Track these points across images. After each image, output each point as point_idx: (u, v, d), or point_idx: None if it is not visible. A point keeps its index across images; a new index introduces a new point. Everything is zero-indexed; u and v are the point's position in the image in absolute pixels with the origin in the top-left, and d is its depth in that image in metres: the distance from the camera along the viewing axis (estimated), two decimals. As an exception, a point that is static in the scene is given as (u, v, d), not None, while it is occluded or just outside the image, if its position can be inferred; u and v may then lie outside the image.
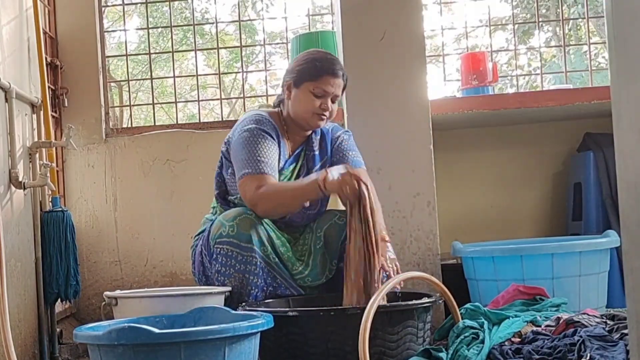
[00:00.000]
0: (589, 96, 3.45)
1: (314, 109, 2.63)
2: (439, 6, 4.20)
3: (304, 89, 2.63)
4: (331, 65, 2.64)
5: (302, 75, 2.64)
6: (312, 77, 2.62)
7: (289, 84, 2.68)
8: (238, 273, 2.45)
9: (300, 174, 2.73)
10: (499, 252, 2.97)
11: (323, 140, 2.79)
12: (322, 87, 2.62)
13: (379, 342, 2.09)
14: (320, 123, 2.68)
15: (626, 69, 1.10)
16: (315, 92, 2.62)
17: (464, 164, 3.94)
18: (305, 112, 2.64)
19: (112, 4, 5.45)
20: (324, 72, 2.62)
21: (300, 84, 2.65)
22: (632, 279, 1.11)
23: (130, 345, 1.73)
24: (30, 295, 2.84)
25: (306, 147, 2.77)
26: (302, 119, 2.67)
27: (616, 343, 2.05)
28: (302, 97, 2.64)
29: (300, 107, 2.65)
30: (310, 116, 2.65)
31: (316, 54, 2.71)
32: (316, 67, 2.63)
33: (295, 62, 2.72)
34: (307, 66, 2.65)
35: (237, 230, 2.45)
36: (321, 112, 2.63)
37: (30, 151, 2.96)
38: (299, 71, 2.66)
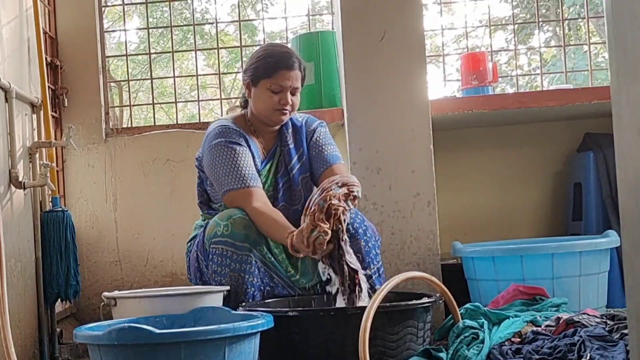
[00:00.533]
0: (589, 96, 3.45)
1: (274, 105, 2.63)
2: (439, 6, 4.20)
3: (261, 86, 2.63)
4: (285, 59, 2.63)
5: (258, 73, 2.63)
6: (267, 74, 2.61)
7: (247, 83, 2.69)
8: (234, 272, 2.45)
9: (278, 171, 2.72)
10: (499, 252, 2.97)
11: (297, 133, 2.78)
12: (278, 83, 2.61)
13: (379, 342, 2.09)
14: (283, 118, 2.68)
15: (626, 69, 1.10)
16: (273, 89, 2.62)
17: (464, 164, 3.94)
18: (266, 110, 2.65)
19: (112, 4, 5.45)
20: (279, 67, 2.61)
21: (257, 82, 2.64)
22: (632, 279, 1.11)
23: (130, 345, 1.73)
24: (30, 295, 2.84)
25: (280, 143, 2.76)
26: (265, 116, 2.68)
27: (616, 343, 2.05)
28: (260, 95, 2.64)
29: (261, 105, 2.66)
30: (271, 113, 2.65)
31: (269, 49, 2.71)
32: (270, 63, 2.61)
33: (251, 59, 2.71)
34: (261, 63, 2.63)
35: (231, 230, 2.45)
36: (282, 107, 2.64)
37: (30, 151, 2.96)
38: (254, 69, 2.65)
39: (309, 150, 2.76)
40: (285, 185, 2.70)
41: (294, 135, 2.77)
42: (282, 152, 2.74)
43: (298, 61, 2.66)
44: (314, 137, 2.77)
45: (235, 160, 2.57)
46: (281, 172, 2.72)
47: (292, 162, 2.72)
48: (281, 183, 2.71)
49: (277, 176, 2.71)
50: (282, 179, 2.71)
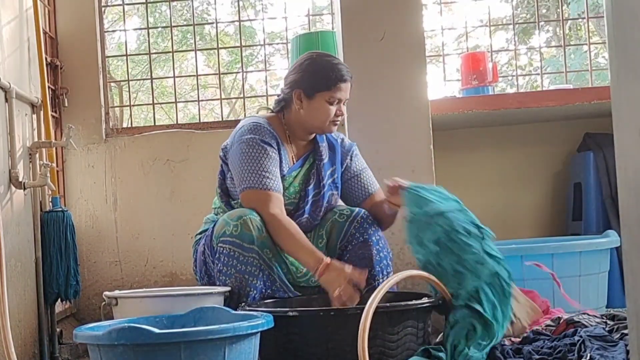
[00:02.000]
0: (589, 96, 3.45)
1: (331, 118, 2.65)
2: (439, 6, 4.19)
3: (319, 99, 2.63)
4: (341, 72, 2.64)
5: (315, 86, 2.62)
6: (325, 87, 2.62)
7: (298, 93, 2.65)
8: (238, 273, 2.45)
9: (308, 182, 2.71)
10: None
11: (331, 150, 2.79)
12: (336, 96, 2.63)
13: (379, 342, 2.09)
14: (335, 128, 2.71)
15: (626, 69, 1.11)
16: (330, 101, 2.63)
17: (464, 164, 3.94)
18: (322, 122, 2.66)
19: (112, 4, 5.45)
20: (337, 81, 2.62)
21: (313, 94, 2.63)
22: (632, 279, 1.11)
23: (130, 345, 1.73)
24: (30, 295, 2.84)
25: (314, 155, 2.75)
26: (318, 127, 2.68)
27: (616, 343, 2.05)
28: (317, 107, 2.64)
29: (317, 117, 2.65)
30: (327, 125, 2.66)
31: (324, 62, 2.67)
32: (329, 77, 2.62)
33: (302, 69, 2.67)
34: (319, 76, 2.63)
35: (240, 230, 2.45)
36: (335, 119, 2.66)
37: (30, 151, 2.96)
38: (310, 81, 2.64)
39: (343, 173, 2.79)
40: (314, 199, 2.70)
41: (329, 150, 2.78)
42: (315, 165, 2.74)
43: (349, 73, 2.68)
44: (352, 162, 2.81)
45: (262, 159, 2.57)
46: (312, 184, 2.72)
47: (325, 177, 2.73)
48: (310, 195, 2.71)
49: (307, 187, 2.71)
50: (312, 191, 2.71)
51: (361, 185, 2.79)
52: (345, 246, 2.64)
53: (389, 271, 2.64)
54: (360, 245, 2.62)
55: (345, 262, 2.50)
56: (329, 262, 2.40)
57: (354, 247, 2.62)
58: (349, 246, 2.63)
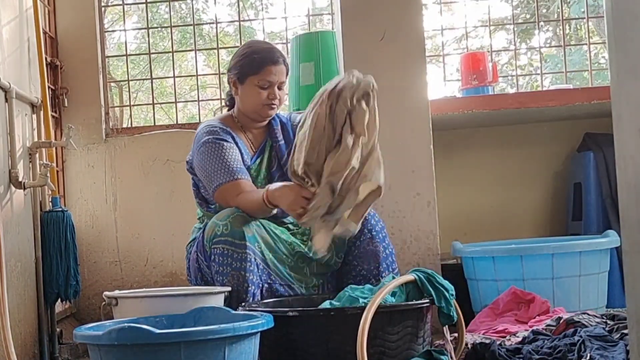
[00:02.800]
0: (589, 96, 3.45)
1: (263, 101, 2.69)
2: (439, 6, 4.19)
3: (249, 83, 2.68)
4: (270, 54, 2.68)
5: (244, 70, 2.68)
6: (254, 70, 2.66)
7: (233, 80, 2.73)
8: (234, 271, 2.45)
9: (271, 166, 2.77)
10: (499, 252, 2.97)
11: (285, 130, 2.83)
12: (266, 79, 2.66)
13: (379, 342, 2.09)
14: (271, 112, 2.74)
15: (626, 69, 1.11)
16: (261, 84, 2.67)
17: (464, 164, 3.94)
18: (255, 105, 2.70)
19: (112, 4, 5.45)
20: (265, 63, 2.66)
21: (244, 79, 2.69)
22: (632, 279, 1.11)
23: (130, 345, 1.73)
24: (30, 295, 2.84)
25: (271, 139, 2.81)
26: (253, 112, 2.72)
27: (616, 343, 2.05)
28: (248, 91, 2.69)
29: (249, 102, 2.70)
30: (260, 108, 2.70)
31: (253, 46, 2.75)
32: (256, 60, 2.66)
33: (235, 57, 2.75)
34: (247, 60, 2.68)
35: (230, 228, 2.46)
36: (270, 102, 2.69)
37: (30, 151, 2.96)
38: (240, 66, 2.70)
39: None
40: (280, 180, 2.71)
41: (282, 131, 2.82)
42: (273, 147, 2.79)
43: (282, 56, 2.72)
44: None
45: (223, 155, 2.62)
46: (275, 167, 2.77)
47: (283, 158, 2.77)
48: (276, 177, 2.75)
49: (271, 170, 2.77)
50: (276, 173, 2.77)
51: None
52: (353, 242, 2.65)
53: (394, 267, 2.65)
54: (367, 241, 2.63)
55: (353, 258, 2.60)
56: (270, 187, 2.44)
57: (362, 242, 2.63)
58: (357, 242, 2.64)
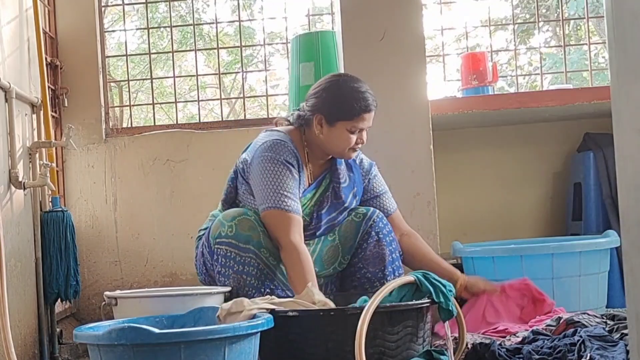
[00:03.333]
0: (589, 96, 3.44)
1: (351, 146, 2.58)
2: (439, 6, 4.19)
3: (340, 127, 2.56)
4: (367, 102, 2.56)
5: (337, 114, 2.55)
6: (348, 117, 2.55)
7: (319, 118, 2.58)
8: (236, 274, 2.45)
9: (322, 206, 2.66)
10: (499, 252, 2.97)
11: (350, 171, 2.74)
12: (358, 126, 2.56)
13: (379, 342, 2.09)
14: (354, 155, 2.66)
15: (626, 69, 1.10)
16: (352, 130, 2.56)
17: (464, 164, 3.94)
18: (341, 149, 2.60)
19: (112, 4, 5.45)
20: (361, 112, 2.55)
21: (334, 122, 2.56)
22: (632, 279, 1.11)
23: (130, 345, 1.73)
24: (30, 295, 2.84)
25: (331, 177, 2.70)
26: (337, 153, 2.63)
27: (616, 343, 2.05)
28: (337, 134, 2.57)
29: (336, 144, 2.59)
30: (345, 152, 2.61)
31: (349, 89, 2.58)
32: (353, 107, 2.54)
33: (326, 94, 2.59)
34: (342, 105, 2.55)
35: (236, 231, 2.45)
36: (356, 146, 2.61)
37: (30, 151, 2.96)
38: (332, 108, 2.56)
39: (363, 194, 2.76)
40: (329, 223, 2.67)
41: (347, 171, 2.73)
42: (330, 187, 2.69)
43: (375, 101, 2.61)
44: (371, 183, 2.78)
45: (284, 179, 2.50)
46: (326, 208, 2.66)
47: (347, 202, 2.68)
48: (324, 219, 2.66)
49: (321, 212, 2.65)
50: (325, 216, 2.66)
51: (380, 207, 2.75)
52: (360, 244, 2.65)
53: (400, 272, 2.65)
54: (374, 244, 2.63)
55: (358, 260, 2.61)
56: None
57: (369, 245, 2.64)
58: (364, 244, 2.64)
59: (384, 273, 2.60)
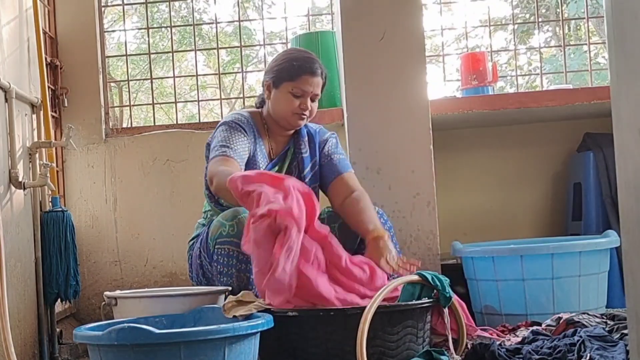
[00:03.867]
0: (589, 96, 3.44)
1: (294, 109, 2.65)
2: (439, 6, 4.19)
3: (283, 89, 2.65)
4: (309, 64, 2.65)
5: (281, 76, 2.65)
6: (290, 77, 2.63)
7: (268, 84, 2.70)
8: (239, 273, 2.45)
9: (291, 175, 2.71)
10: (499, 252, 2.97)
11: (311, 142, 2.80)
12: (300, 87, 2.63)
13: (379, 342, 2.09)
14: (301, 122, 2.70)
15: (626, 69, 1.10)
16: (294, 92, 2.64)
17: (464, 164, 3.94)
18: (285, 112, 2.67)
19: (112, 4, 5.45)
20: (302, 72, 2.63)
21: (279, 84, 2.66)
22: (632, 279, 1.11)
23: (130, 345, 1.73)
24: (30, 295, 2.84)
25: (294, 148, 2.78)
26: (283, 118, 2.69)
27: (616, 343, 2.05)
28: (281, 97, 2.66)
29: (280, 107, 2.67)
30: (290, 116, 2.67)
31: (295, 53, 2.73)
32: (294, 67, 2.64)
33: (274, 61, 2.73)
34: (285, 66, 2.65)
35: (237, 230, 2.45)
36: (301, 112, 2.66)
37: (30, 151, 2.95)
38: (277, 71, 2.67)
39: (320, 159, 2.79)
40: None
41: (308, 143, 2.79)
42: (295, 158, 2.77)
43: (321, 68, 2.69)
44: (326, 147, 2.80)
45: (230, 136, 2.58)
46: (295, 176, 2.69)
47: (305, 170, 2.75)
48: None
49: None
50: None
51: (332, 166, 2.76)
52: (362, 240, 2.64)
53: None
54: None
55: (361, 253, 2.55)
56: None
57: None
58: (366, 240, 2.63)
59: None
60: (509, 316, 2.87)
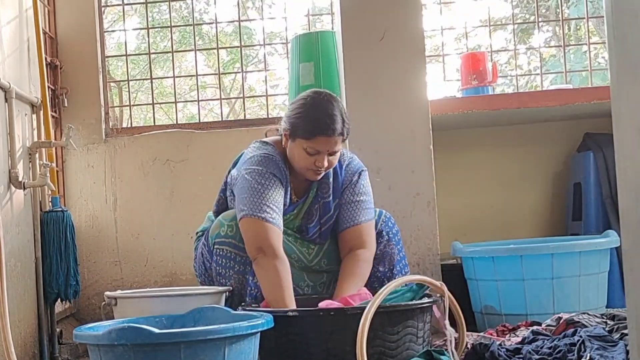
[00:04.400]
0: (589, 96, 3.44)
1: (309, 166, 2.47)
2: (439, 6, 4.19)
3: (298, 144, 2.46)
4: (326, 125, 2.42)
5: (296, 131, 2.46)
6: (304, 135, 2.44)
7: (286, 132, 2.51)
8: (237, 274, 2.45)
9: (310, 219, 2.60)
10: (499, 252, 2.97)
11: (335, 181, 2.62)
12: (315, 147, 2.44)
13: (379, 342, 2.09)
14: (317, 177, 2.52)
15: (626, 69, 1.10)
16: (308, 151, 2.45)
17: (464, 164, 3.94)
18: (300, 167, 2.50)
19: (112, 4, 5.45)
20: (318, 133, 2.42)
21: (294, 138, 2.48)
22: (632, 279, 1.11)
23: (130, 345, 1.73)
24: (30, 295, 2.84)
25: (318, 192, 2.62)
26: (298, 170, 2.53)
27: (616, 343, 2.05)
28: (296, 151, 2.48)
29: (296, 161, 2.50)
30: (305, 171, 2.51)
31: (311, 109, 2.47)
32: (309, 127, 2.43)
33: (293, 107, 2.52)
34: (300, 123, 2.45)
35: (235, 231, 2.45)
36: (316, 169, 2.48)
37: (30, 151, 2.96)
38: (292, 125, 2.48)
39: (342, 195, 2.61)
40: (314, 236, 2.62)
41: (332, 183, 2.61)
42: (316, 201, 2.61)
43: (341, 125, 2.45)
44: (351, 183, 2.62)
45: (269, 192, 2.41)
46: (313, 223, 2.60)
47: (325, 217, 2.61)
48: (311, 233, 2.61)
49: (308, 225, 2.60)
50: (313, 229, 2.60)
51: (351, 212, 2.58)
52: None
53: (406, 271, 2.65)
54: (385, 244, 2.62)
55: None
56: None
57: (379, 244, 2.60)
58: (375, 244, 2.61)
59: (392, 272, 2.60)
60: (509, 316, 2.87)
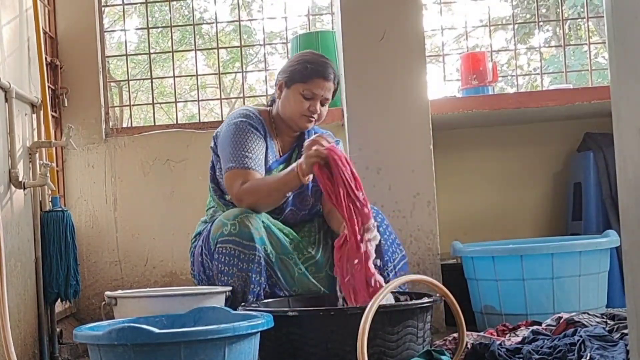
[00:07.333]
0: (589, 96, 3.45)
1: (303, 111, 2.66)
2: (439, 6, 4.19)
3: (294, 90, 2.66)
4: (322, 68, 2.67)
5: (293, 76, 2.67)
6: (302, 78, 2.65)
7: (280, 83, 2.72)
8: (241, 272, 2.45)
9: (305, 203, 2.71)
10: (499, 252, 2.97)
11: None
12: (311, 90, 2.65)
13: (379, 342, 2.09)
14: (308, 125, 2.72)
15: (626, 69, 1.11)
16: (305, 94, 2.65)
17: (464, 164, 3.94)
18: (294, 113, 2.68)
19: (112, 4, 5.45)
20: (315, 75, 2.64)
21: (290, 84, 2.68)
22: (632, 279, 1.11)
23: (130, 345, 1.73)
24: (30, 295, 2.84)
25: (299, 149, 2.76)
26: (291, 119, 2.71)
27: (616, 343, 2.05)
28: (291, 97, 2.67)
29: (289, 108, 2.69)
30: (298, 117, 2.68)
31: (309, 56, 2.74)
32: (307, 69, 2.65)
33: (289, 62, 2.76)
34: (298, 67, 2.67)
35: (239, 229, 2.46)
36: (309, 114, 2.67)
37: (30, 151, 2.95)
38: (290, 72, 2.69)
39: None
40: (297, 191, 2.67)
41: None
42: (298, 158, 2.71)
43: (334, 74, 2.70)
44: None
45: (247, 142, 2.61)
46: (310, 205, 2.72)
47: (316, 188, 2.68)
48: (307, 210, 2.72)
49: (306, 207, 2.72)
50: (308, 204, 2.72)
51: None
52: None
53: (397, 257, 2.64)
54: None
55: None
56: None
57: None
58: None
59: (384, 261, 2.59)
60: (509, 316, 2.87)
